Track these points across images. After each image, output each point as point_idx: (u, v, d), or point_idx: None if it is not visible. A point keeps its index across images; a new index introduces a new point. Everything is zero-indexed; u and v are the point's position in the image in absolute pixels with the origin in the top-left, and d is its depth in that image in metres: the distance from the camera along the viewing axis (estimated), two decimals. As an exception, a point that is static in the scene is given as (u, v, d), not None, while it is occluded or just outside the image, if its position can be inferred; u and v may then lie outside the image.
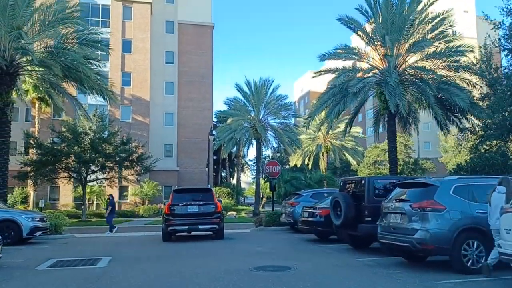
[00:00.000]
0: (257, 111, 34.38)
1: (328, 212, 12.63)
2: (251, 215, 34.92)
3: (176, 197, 14.52)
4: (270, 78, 34.53)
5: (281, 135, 32.86)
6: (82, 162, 28.17)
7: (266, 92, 34.48)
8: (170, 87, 44.51)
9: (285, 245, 12.92)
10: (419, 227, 7.61)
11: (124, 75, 41.54)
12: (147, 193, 37.89)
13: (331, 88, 20.14)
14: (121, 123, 38.98)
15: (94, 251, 12.17)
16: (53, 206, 37.43)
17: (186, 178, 43.27)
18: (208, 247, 12.60)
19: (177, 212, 14.04)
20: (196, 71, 45.56)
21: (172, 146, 43.79)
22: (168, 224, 14.05)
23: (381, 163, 51.29)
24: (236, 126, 33.68)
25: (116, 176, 31.87)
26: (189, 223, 13.95)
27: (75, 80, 17.38)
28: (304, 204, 15.85)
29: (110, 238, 16.87)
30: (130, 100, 41.38)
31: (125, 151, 30.37)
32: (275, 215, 18.53)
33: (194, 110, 44.89)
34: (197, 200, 14.39)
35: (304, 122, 21.89)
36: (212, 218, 14.18)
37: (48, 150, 27.68)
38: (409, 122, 22.49)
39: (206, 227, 14.25)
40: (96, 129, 29.43)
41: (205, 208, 14.18)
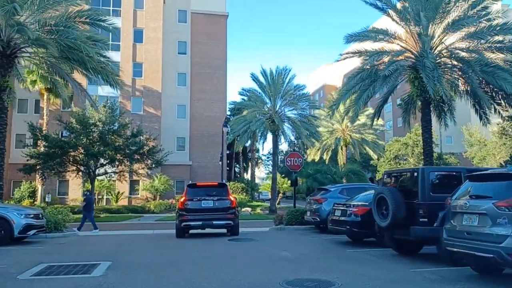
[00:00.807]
0: (274, 102, 32.51)
1: (365, 211, 10.77)
2: (267, 211, 33.21)
3: (190, 192, 14.11)
4: (287, 67, 32.60)
5: (299, 127, 30.92)
6: (90, 155, 26.71)
7: (283, 82, 32.58)
8: (183, 78, 42.88)
9: (315, 249, 11.05)
10: (509, 232, 5.70)
11: (135, 65, 40.03)
12: (158, 188, 36.39)
13: (359, 72, 18.12)
14: (132, 115, 37.52)
15: (94, 253, 10.51)
16: (61, 201, 36.24)
17: (199, 173, 41.68)
18: (224, 250, 10.82)
19: (191, 207, 13.65)
20: (209, 62, 43.83)
21: (185, 139, 42.22)
22: (182, 219, 13.63)
23: (402, 158, 48.99)
24: (252, 118, 31.87)
25: (126, 170, 30.39)
26: (203, 218, 13.53)
27: (77, 62, 15.73)
28: (332, 201, 13.98)
29: (114, 237, 15.24)
30: (142, 91, 39.87)
31: (135, 143, 28.84)
32: (298, 212, 16.69)
33: (207, 102, 43.22)
34: (211, 195, 13.96)
35: (328, 111, 19.92)
36: (227, 213, 13.75)
37: (54, 142, 26.27)
38: (444, 111, 20.35)
39: (221, 223, 13.80)
40: (106, 120, 27.91)
41: (220, 204, 13.78)
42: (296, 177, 17.52)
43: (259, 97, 32.85)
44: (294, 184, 17.40)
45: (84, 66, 15.99)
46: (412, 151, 46.60)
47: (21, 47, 15.24)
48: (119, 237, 15.28)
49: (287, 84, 32.78)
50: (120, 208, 33.57)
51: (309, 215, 15.19)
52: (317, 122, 33.42)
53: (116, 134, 28.13)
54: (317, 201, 14.70)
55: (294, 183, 17.36)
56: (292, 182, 17.46)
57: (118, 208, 33.50)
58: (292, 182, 17.44)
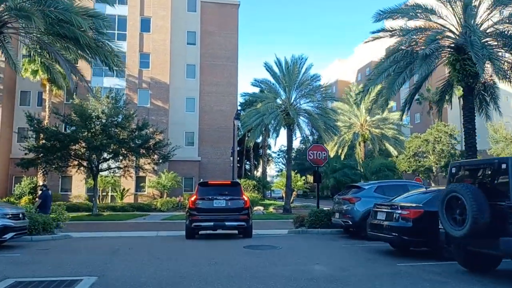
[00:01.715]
0: (289, 94, 30.25)
1: (418, 214, 8.55)
2: (280, 211, 31.09)
3: (201, 191, 13.36)
4: (303, 56, 30.32)
5: (316, 120, 28.62)
6: (92, 149, 24.77)
7: (298, 72, 30.29)
8: (192, 70, 40.80)
9: (356, 261, 8.82)
10: None
11: (142, 56, 38.07)
12: (165, 184, 34.41)
13: (392, 53, 15.81)
14: (138, 108, 35.58)
15: (79, 263, 8.45)
16: (64, 198, 34.44)
17: (208, 169, 39.65)
18: (241, 263, 8.65)
19: (202, 207, 12.92)
20: (220, 53, 41.72)
21: (194, 134, 40.18)
22: (193, 219, 12.90)
23: (421, 155, 46.39)
24: (265, 110, 29.65)
25: (132, 165, 28.42)
26: (215, 219, 12.77)
27: (70, 39, 13.66)
28: (367, 201, 11.79)
29: (112, 241, 13.20)
30: (149, 83, 37.89)
31: (140, 137, 26.85)
32: (322, 214, 14.48)
33: (217, 96, 41.13)
34: (224, 194, 13.19)
35: (355, 99, 17.61)
36: (240, 214, 12.92)
37: (52, 134, 24.37)
38: (486, 100, 17.95)
39: (233, 224, 12.99)
40: (109, 112, 25.92)
41: (233, 204, 12.98)
42: (319, 173, 15.31)
43: (273, 88, 30.63)
44: (317, 180, 15.17)
45: (77, 44, 13.91)
46: (433, 148, 44.00)
47: (4, 20, 13.22)
48: (118, 240, 13.24)
49: (303, 74, 30.50)
50: (125, 206, 31.69)
51: (338, 217, 12.97)
52: (335, 116, 31.05)
53: (120, 126, 26.17)
54: (348, 201, 12.47)
55: (317, 179, 15.13)
56: (315, 178, 15.25)
57: (123, 206, 31.62)
58: (315, 178, 15.23)
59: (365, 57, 77.95)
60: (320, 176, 15.23)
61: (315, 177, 15.40)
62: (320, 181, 15.31)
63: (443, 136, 43.97)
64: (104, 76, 36.16)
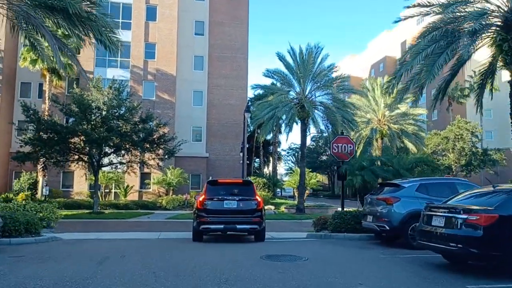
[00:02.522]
0: (303, 85, 28.21)
1: (492, 220, 6.56)
2: (292, 210, 29.12)
3: (210, 190, 12.34)
4: (319, 45, 28.20)
5: (333, 114, 26.55)
6: (91, 142, 22.99)
7: (314, 62, 28.22)
8: (200, 62, 38.94)
9: (409, 281, 6.77)
10: None
11: (147, 46, 36.27)
12: (171, 181, 32.62)
13: (430, 31, 13.71)
14: (143, 100, 33.78)
15: (52, 279, 6.56)
16: (65, 195, 32.87)
17: (216, 166, 37.82)
18: (259, 280, 6.67)
19: (211, 208, 11.87)
20: (229, 45, 39.80)
21: (201, 129, 38.33)
22: (201, 221, 11.81)
23: (440, 153, 44.04)
24: (278, 102, 27.64)
25: (135, 160, 26.60)
26: (225, 221, 11.75)
27: (57, 11, 11.79)
28: (407, 201, 9.81)
29: (104, 244, 11.35)
30: (154, 75, 36.08)
31: (144, 130, 25.02)
32: (348, 216, 12.47)
33: (226, 89, 39.24)
34: (235, 194, 12.19)
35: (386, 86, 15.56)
36: (252, 216, 11.83)
37: (49, 125, 22.63)
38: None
39: (245, 227, 11.97)
40: (109, 102, 24.11)
41: (245, 205, 11.92)
42: (345, 169, 13.32)
43: (286, 79, 28.59)
44: (342, 177, 13.14)
45: (68, 17, 12.02)
46: (453, 145, 41.64)
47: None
48: (111, 244, 11.38)
49: (318, 64, 28.44)
50: (128, 204, 29.94)
51: (371, 220, 10.94)
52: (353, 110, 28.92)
53: (122, 118, 24.36)
54: (384, 202, 10.43)
55: (342, 177, 13.09)
56: (339, 175, 13.22)
57: (126, 204, 29.87)
58: (340, 176, 13.20)
59: (378, 53, 75.49)
60: (345, 173, 13.22)
61: (339, 174, 13.37)
62: (345, 179, 13.30)
63: (465, 133, 41.60)
64: (108, 67, 34.45)
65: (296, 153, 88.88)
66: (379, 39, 78.35)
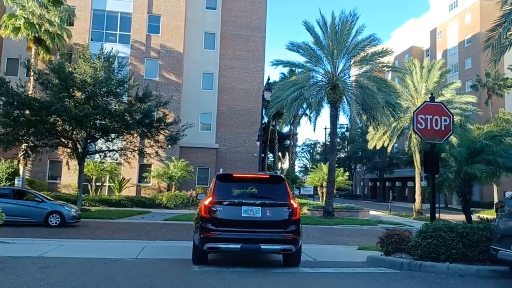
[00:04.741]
0: (335, 61, 23.13)
1: None
2: (317, 212, 24.23)
3: (221, 189, 8.03)
4: (355, 12, 23.03)
5: (374, 96, 21.42)
6: (72, 120, 18.26)
7: (348, 33, 23.13)
8: (211, 40, 34.06)
9: None
10: None
11: (151, 18, 31.48)
12: (173, 175, 27.83)
13: None
14: (145, 81, 29.09)
15: None
16: (52, 187, 28.35)
17: (227, 159, 32.95)
18: None
19: (222, 217, 7.62)
20: (245, 22, 34.84)
21: (211, 116, 33.47)
22: (205, 236, 7.53)
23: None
24: (305, 81, 22.65)
25: (130, 147, 21.85)
26: (243, 238, 7.47)
27: None
28: None
29: (58, 265, 6.54)
30: (158, 51, 31.27)
31: (140, 110, 20.25)
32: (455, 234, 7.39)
33: (240, 72, 34.31)
34: (258, 197, 7.89)
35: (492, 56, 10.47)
36: (285, 232, 7.65)
37: (20, 99, 17.94)
38: None
39: (274, 248, 7.75)
40: (95, 74, 19.37)
41: (274, 213, 7.74)
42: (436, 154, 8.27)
43: (315, 54, 23.50)
44: (433, 169, 8.06)
45: None
46: (499, 141, 36.05)
47: None
48: (59, 269, 6.59)
49: (353, 37, 23.34)
50: (122, 200, 25.32)
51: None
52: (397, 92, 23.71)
53: (111, 94, 19.63)
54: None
55: (433, 167, 8.02)
56: (428, 164, 8.16)
57: (120, 200, 25.25)
58: (428, 166, 8.15)
59: (404, 43, 69.76)
60: (437, 162, 8.14)
61: (427, 163, 8.29)
62: (437, 171, 8.26)
63: (511, 127, 36.02)
64: (105, 41, 29.70)
65: (311, 150, 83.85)
66: (404, 28, 72.59)
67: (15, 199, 15.71)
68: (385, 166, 54.39)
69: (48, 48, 27.41)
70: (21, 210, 15.21)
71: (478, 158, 8.48)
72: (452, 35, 55.70)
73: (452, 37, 55.79)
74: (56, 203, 16.26)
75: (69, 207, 15.99)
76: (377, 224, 21.05)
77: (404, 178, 55.56)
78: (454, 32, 55.27)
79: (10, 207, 14.73)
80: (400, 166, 54.04)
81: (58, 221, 15.25)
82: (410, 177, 49.75)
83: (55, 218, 15.32)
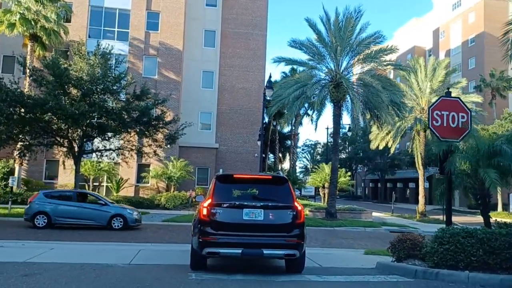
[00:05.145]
0: (339, 59, 22.55)
1: None
2: (318, 214, 23.66)
3: (221, 190, 7.57)
4: (360, 8, 22.44)
5: (379, 95, 20.84)
6: (67, 118, 17.69)
7: (352, 30, 22.55)
8: (211, 37, 33.47)
9: None
10: None
11: (150, 15, 30.88)
12: (172, 175, 27.25)
13: None
14: (143, 79, 28.47)
15: None
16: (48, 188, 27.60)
17: (227, 159, 32.35)
18: None
19: (223, 220, 7.17)
20: (246, 19, 34.24)
21: (211, 115, 32.88)
22: (205, 241, 7.08)
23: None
24: (307, 79, 22.09)
25: (127, 146, 21.30)
26: (244, 242, 7.01)
27: None
28: None
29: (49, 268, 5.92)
30: (157, 49, 30.68)
31: (138, 108, 19.67)
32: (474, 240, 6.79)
33: (241, 70, 33.72)
34: (260, 199, 7.49)
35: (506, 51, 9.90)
36: (288, 236, 7.23)
37: (12, 95, 17.36)
38: None
39: (277, 254, 7.27)
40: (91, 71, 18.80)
41: (277, 216, 7.32)
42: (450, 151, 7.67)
43: (317, 51, 22.90)
44: (444, 170, 7.50)
45: None
46: (504, 143, 35.46)
47: None
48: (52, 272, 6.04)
49: (357, 34, 22.76)
50: (120, 200, 24.58)
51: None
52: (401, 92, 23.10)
53: (108, 91, 19.06)
54: None
55: (445, 170, 7.43)
56: (442, 167, 7.53)
57: (117, 200, 24.46)
58: (441, 168, 7.53)
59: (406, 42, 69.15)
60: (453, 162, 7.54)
61: (440, 165, 7.63)
62: (453, 173, 7.65)
63: (516, 128, 35.42)
64: (103, 38, 29.09)
65: (312, 150, 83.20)
66: (406, 28, 72.01)
67: (78, 201, 15.62)
68: (387, 167, 53.80)
69: (44, 45, 26.82)
70: (85, 213, 15.14)
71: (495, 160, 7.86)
72: (456, 34, 55.12)
73: (455, 36, 55.21)
74: (119, 206, 16.24)
75: (131, 210, 15.83)
76: (380, 226, 20.47)
77: (406, 179, 54.99)
78: (458, 32, 54.69)
79: (75, 210, 15.00)
80: (402, 167, 53.47)
81: (121, 224, 15.06)
82: (411, 178, 49.23)
83: (118, 221, 15.14)
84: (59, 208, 14.99)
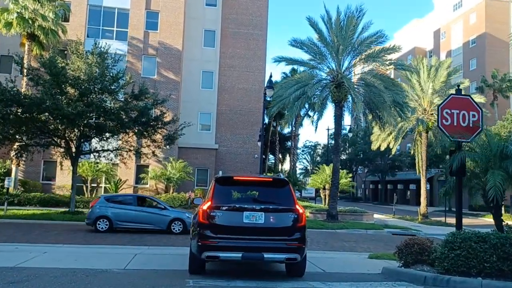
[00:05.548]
0: (340, 58, 22.23)
1: None
2: (319, 215, 23.30)
3: (220, 193, 7.34)
4: (362, 7, 22.13)
5: (381, 95, 20.51)
6: (64, 118, 17.35)
7: (354, 29, 22.23)
8: (211, 37, 33.15)
9: None
10: None
11: (149, 15, 30.57)
12: (171, 176, 26.90)
13: None
14: (142, 79, 28.11)
15: None
16: (46, 189, 27.38)
17: (227, 160, 32.01)
18: None
19: (222, 223, 6.94)
20: (246, 19, 33.93)
21: (210, 116, 32.54)
22: (204, 244, 6.86)
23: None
24: (308, 79, 21.76)
25: (125, 147, 20.96)
26: (245, 246, 6.81)
27: None
28: None
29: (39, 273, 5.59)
30: (156, 49, 30.36)
31: (136, 108, 19.33)
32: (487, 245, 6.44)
33: (241, 71, 33.38)
34: (261, 201, 7.33)
35: None
36: (290, 240, 7.02)
37: (7, 94, 17.03)
38: None
39: (278, 257, 7.04)
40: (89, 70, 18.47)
41: (278, 219, 7.12)
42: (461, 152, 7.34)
43: (318, 51, 22.58)
44: (459, 172, 7.11)
45: None
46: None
47: None
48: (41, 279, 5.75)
49: (359, 33, 22.44)
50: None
51: None
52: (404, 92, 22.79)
53: (105, 91, 18.72)
54: None
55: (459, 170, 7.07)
56: (452, 168, 7.19)
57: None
58: (454, 169, 7.18)
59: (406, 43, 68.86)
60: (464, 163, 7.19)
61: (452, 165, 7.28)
62: (464, 173, 7.33)
63: (519, 129, 35.10)
64: (101, 37, 28.73)
65: (312, 151, 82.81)
66: (407, 29, 71.75)
67: (138, 206, 15.68)
68: (387, 168, 53.45)
69: (42, 44, 26.51)
70: (145, 217, 15.26)
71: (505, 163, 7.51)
72: (457, 35, 54.84)
73: (456, 37, 54.93)
74: (178, 210, 16.46)
75: (189, 214, 15.64)
76: (382, 229, 20.13)
77: (406, 181, 54.62)
78: (459, 33, 54.42)
79: (136, 214, 15.14)
80: (403, 169, 53.13)
81: (181, 228, 15.13)
82: (412, 179, 48.88)
83: (177, 225, 15.26)
84: (120, 212, 15.02)
